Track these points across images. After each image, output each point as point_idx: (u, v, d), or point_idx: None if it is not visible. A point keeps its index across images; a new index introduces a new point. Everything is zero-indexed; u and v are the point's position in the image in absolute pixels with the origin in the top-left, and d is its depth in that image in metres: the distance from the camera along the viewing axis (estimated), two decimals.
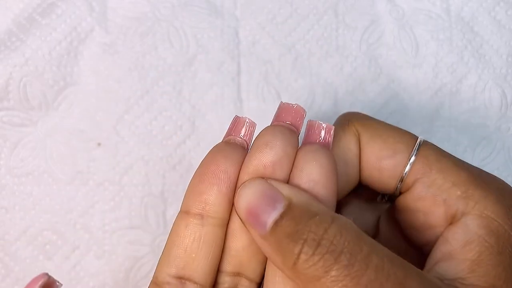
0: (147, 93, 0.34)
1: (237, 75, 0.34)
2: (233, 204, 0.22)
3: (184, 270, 0.22)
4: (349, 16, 0.35)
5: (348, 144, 0.24)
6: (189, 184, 0.22)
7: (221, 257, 0.22)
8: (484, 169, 0.34)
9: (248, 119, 0.23)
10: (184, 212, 0.22)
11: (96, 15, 0.34)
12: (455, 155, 0.24)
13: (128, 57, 0.34)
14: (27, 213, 0.33)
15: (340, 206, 0.28)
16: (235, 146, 0.23)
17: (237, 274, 0.23)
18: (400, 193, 0.24)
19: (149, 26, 0.34)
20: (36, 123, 0.33)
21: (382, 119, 0.35)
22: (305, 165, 0.21)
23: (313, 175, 0.21)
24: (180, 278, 0.22)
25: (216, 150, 0.22)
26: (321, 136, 0.23)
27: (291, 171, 0.22)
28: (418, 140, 0.24)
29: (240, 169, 0.22)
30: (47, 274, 0.21)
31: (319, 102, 0.35)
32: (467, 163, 0.24)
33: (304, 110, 0.23)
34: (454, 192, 0.23)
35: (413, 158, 0.23)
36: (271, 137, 0.21)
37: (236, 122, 0.24)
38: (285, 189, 0.20)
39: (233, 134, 0.23)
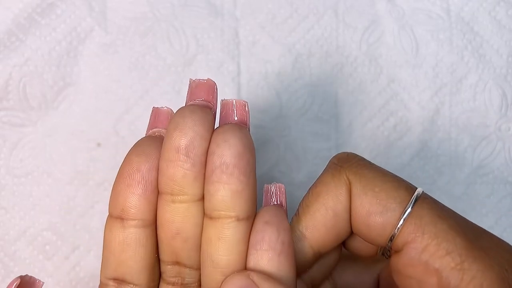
0: (147, 93, 0.34)
1: (237, 75, 0.34)
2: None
3: (117, 272, 0.22)
4: (349, 16, 0.35)
5: (339, 195, 0.23)
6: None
7: (158, 249, 0.22)
8: (484, 169, 0.34)
9: (167, 108, 0.22)
10: (109, 215, 0.22)
11: (95, 15, 0.34)
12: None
13: (127, 57, 0.34)
14: (27, 213, 0.33)
15: (335, 268, 0.26)
16: (152, 140, 0.22)
17: (176, 263, 0.22)
18: (392, 249, 0.22)
19: (148, 26, 0.34)
20: (36, 123, 0.33)
21: (382, 119, 0.35)
22: (217, 148, 0.20)
23: (225, 157, 0.20)
24: (117, 280, 0.22)
25: (133, 148, 0.22)
26: (234, 114, 0.22)
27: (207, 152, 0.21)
28: (414, 196, 0.22)
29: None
30: (19, 277, 0.21)
31: (319, 102, 0.35)
32: (467, 222, 0.22)
33: (215, 83, 0.22)
34: (448, 263, 0.20)
35: (405, 216, 0.21)
36: (180, 119, 0.20)
37: (156, 114, 0.23)
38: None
39: (157, 127, 0.23)
